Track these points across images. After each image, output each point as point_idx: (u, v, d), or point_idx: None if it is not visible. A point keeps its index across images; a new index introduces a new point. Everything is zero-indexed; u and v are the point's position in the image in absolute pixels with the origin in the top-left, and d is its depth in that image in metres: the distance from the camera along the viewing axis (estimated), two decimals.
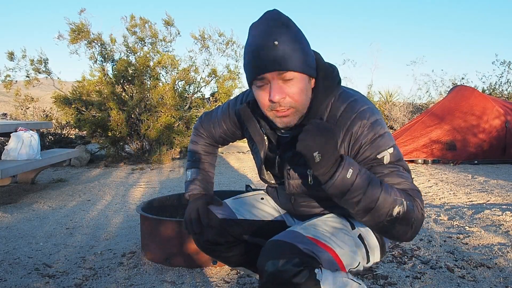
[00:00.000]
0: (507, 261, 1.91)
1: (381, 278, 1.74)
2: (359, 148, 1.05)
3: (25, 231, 2.60)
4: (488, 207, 2.92)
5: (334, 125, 1.06)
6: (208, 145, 1.45)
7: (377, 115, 1.08)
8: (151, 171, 5.10)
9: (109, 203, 3.42)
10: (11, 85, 6.05)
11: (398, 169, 1.04)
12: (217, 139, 1.42)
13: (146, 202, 2.27)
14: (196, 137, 1.45)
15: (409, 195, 1.01)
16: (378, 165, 1.03)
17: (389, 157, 1.04)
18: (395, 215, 0.97)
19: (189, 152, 1.47)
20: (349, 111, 1.06)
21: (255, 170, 5.09)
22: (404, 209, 0.97)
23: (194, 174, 1.40)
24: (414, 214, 0.99)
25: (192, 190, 1.37)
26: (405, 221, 0.98)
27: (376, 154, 1.04)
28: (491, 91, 11.02)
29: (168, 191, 3.85)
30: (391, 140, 1.07)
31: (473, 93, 5.72)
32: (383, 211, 0.97)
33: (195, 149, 1.44)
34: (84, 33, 5.59)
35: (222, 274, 1.83)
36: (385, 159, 1.04)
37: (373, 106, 1.09)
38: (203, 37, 6.13)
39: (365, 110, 1.06)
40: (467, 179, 4.11)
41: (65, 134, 7.23)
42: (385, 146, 1.04)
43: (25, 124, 3.76)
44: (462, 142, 5.20)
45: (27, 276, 1.86)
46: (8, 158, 3.46)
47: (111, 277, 1.84)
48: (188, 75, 5.95)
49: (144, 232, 2.05)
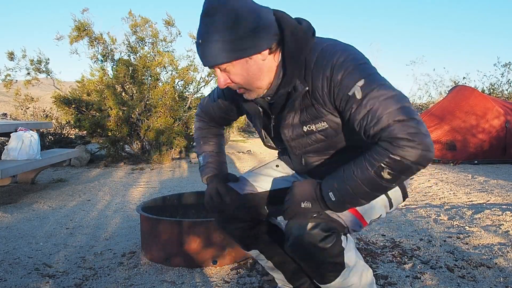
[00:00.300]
0: (507, 261, 1.91)
1: (381, 278, 1.74)
2: (334, 94, 1.03)
3: (25, 231, 2.60)
4: (488, 207, 2.92)
5: (310, 78, 1.07)
6: (212, 127, 1.50)
7: (348, 52, 1.04)
8: (151, 171, 5.10)
9: (109, 203, 3.42)
10: (11, 84, 6.05)
11: (373, 101, 0.96)
12: (218, 120, 1.47)
13: (146, 202, 2.27)
14: (199, 123, 1.51)
15: (387, 144, 0.94)
16: (356, 106, 0.98)
17: (360, 90, 0.97)
18: (388, 176, 0.96)
19: (196, 139, 1.53)
20: (320, 60, 1.05)
21: None
22: (390, 165, 0.94)
23: (206, 159, 1.46)
24: (405, 158, 0.92)
25: (207, 173, 1.43)
26: (400, 167, 0.94)
27: (347, 92, 0.99)
28: (491, 91, 11.02)
29: (168, 191, 3.85)
30: (365, 70, 1.01)
31: (473, 93, 5.72)
32: (376, 186, 0.99)
33: (201, 135, 1.50)
34: (87, 30, 5.60)
35: (222, 274, 1.83)
36: (357, 94, 0.98)
37: (344, 46, 1.07)
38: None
39: (334, 52, 1.04)
40: (467, 179, 4.11)
41: (65, 134, 7.23)
42: (355, 79, 0.99)
43: (25, 124, 3.76)
44: (462, 142, 5.20)
45: (27, 276, 1.86)
46: (8, 158, 3.46)
47: (111, 277, 1.84)
48: (187, 75, 5.95)
49: (144, 232, 2.05)
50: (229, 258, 1.91)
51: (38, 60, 5.86)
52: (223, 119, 1.45)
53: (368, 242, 2.20)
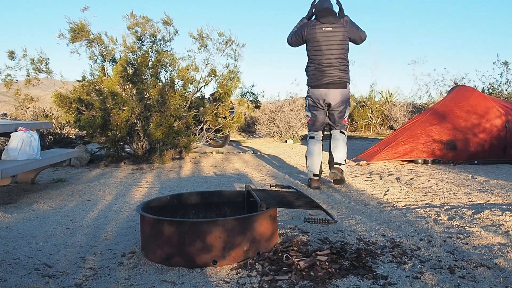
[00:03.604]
0: (507, 261, 1.91)
1: (381, 278, 1.74)
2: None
3: (25, 231, 2.60)
4: (488, 207, 2.92)
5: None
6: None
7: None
8: (151, 171, 5.10)
9: (109, 203, 3.42)
10: (11, 84, 6.05)
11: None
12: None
13: (146, 202, 2.27)
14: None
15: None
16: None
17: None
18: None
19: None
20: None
21: (256, 170, 5.09)
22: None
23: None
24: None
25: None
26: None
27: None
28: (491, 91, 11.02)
29: (168, 191, 3.85)
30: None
31: (473, 93, 5.72)
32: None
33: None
34: (84, 32, 5.59)
35: (222, 274, 1.83)
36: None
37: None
38: (201, 36, 6.13)
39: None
40: (467, 179, 4.11)
41: (65, 134, 7.24)
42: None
43: (25, 124, 3.76)
44: (463, 142, 5.20)
45: (27, 276, 1.86)
46: (8, 158, 3.46)
47: (111, 277, 1.84)
48: (187, 74, 5.95)
49: (144, 232, 2.05)
50: (229, 258, 1.91)
51: (39, 60, 5.85)
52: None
53: (368, 242, 2.20)
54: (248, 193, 2.50)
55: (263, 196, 2.31)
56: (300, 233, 2.38)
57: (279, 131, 9.77)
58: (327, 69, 3.72)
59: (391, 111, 11.71)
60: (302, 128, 9.80)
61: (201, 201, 2.55)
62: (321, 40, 3.69)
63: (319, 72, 3.75)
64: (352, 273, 1.79)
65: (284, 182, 4.24)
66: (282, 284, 1.70)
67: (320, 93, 3.77)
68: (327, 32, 3.68)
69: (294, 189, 2.71)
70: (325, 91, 3.74)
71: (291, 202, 2.28)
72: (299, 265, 1.83)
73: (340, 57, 3.72)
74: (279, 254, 1.98)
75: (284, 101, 10.73)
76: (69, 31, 5.60)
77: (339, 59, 3.72)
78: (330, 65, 3.71)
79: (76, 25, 5.56)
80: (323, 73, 3.73)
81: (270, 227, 2.07)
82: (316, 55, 3.75)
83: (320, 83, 3.75)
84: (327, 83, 3.73)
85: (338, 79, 3.73)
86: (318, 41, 3.70)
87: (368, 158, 5.39)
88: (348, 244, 2.18)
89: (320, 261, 1.87)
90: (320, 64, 3.74)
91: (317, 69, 3.76)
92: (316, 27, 3.71)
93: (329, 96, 3.75)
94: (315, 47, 3.74)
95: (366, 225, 2.57)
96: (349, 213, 2.91)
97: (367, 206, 3.13)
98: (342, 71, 3.74)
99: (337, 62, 3.72)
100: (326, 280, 1.72)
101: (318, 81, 3.76)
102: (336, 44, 3.69)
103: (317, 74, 3.76)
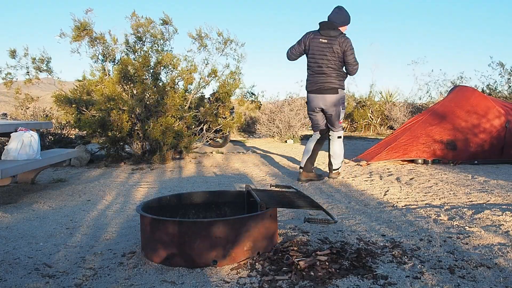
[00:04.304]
0: (507, 261, 1.91)
1: (381, 278, 1.74)
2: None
3: (25, 231, 2.60)
4: (488, 207, 2.92)
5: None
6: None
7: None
8: (151, 171, 5.10)
9: (109, 203, 3.42)
10: (11, 83, 6.05)
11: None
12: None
13: (146, 202, 2.27)
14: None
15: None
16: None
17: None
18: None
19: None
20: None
21: (256, 170, 5.09)
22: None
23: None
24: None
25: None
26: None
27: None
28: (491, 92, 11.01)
29: (168, 191, 3.85)
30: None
31: (473, 93, 5.72)
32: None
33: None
34: (87, 30, 5.59)
35: (222, 274, 1.83)
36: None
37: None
38: (200, 36, 6.13)
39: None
40: (467, 179, 4.11)
41: (65, 134, 7.24)
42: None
43: (25, 124, 3.76)
44: (463, 142, 5.19)
45: (27, 276, 1.86)
46: (8, 158, 3.46)
47: (111, 277, 1.84)
48: (187, 74, 5.95)
49: (144, 232, 2.05)
50: (229, 258, 1.91)
51: (41, 59, 5.85)
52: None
53: (368, 242, 2.20)
54: (248, 193, 2.50)
55: (263, 196, 2.31)
56: (300, 233, 2.38)
57: (279, 131, 9.78)
58: (319, 76, 4.05)
59: (391, 111, 11.72)
60: (302, 128, 9.80)
61: (201, 201, 2.55)
62: (315, 49, 4.03)
63: (313, 78, 4.10)
64: (352, 273, 1.79)
65: (284, 182, 4.25)
66: (282, 284, 1.70)
67: (312, 98, 4.13)
68: (322, 43, 4.00)
69: (294, 189, 2.71)
70: (316, 95, 4.10)
71: (291, 202, 2.28)
72: (299, 265, 1.83)
73: (331, 67, 4.01)
74: (279, 254, 1.98)
75: (284, 101, 10.73)
76: (73, 29, 5.59)
77: (331, 68, 4.01)
78: (321, 72, 4.03)
79: (80, 23, 5.56)
80: (315, 79, 4.08)
81: (270, 227, 2.07)
82: (311, 62, 4.09)
83: (313, 89, 4.10)
84: (318, 88, 4.07)
85: (329, 85, 4.03)
86: (313, 50, 4.04)
87: (368, 158, 5.38)
88: (348, 244, 2.18)
89: (320, 261, 1.87)
90: (313, 71, 4.09)
91: (311, 75, 4.12)
92: (314, 38, 4.04)
93: (320, 101, 4.10)
94: (310, 55, 4.08)
95: (366, 225, 2.57)
96: (349, 213, 2.91)
97: (367, 206, 3.13)
98: (333, 78, 4.04)
99: (328, 70, 4.01)
100: (326, 280, 1.72)
101: (312, 86, 4.11)
102: (329, 54, 3.98)
103: (311, 80, 4.12)
